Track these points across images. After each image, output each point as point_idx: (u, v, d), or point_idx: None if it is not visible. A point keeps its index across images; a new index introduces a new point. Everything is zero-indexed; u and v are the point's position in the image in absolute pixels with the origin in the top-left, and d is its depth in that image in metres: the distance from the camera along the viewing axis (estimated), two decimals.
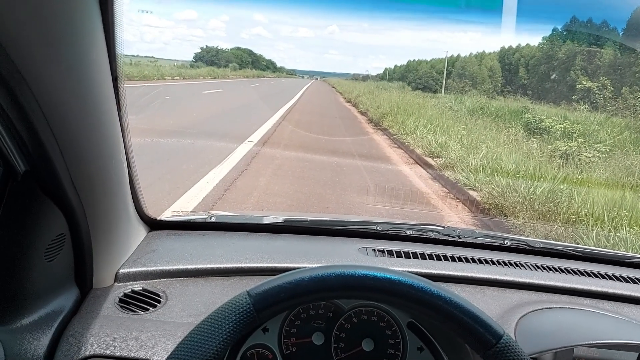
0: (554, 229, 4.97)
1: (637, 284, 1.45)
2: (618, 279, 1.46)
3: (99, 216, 1.08)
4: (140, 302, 1.17)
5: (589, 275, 1.46)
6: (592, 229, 4.75)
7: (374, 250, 1.47)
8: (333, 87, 36.45)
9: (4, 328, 0.95)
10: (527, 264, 1.48)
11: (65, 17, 0.76)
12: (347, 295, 0.83)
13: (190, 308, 1.16)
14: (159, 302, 1.18)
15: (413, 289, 0.80)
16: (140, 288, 1.21)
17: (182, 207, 4.68)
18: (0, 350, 0.93)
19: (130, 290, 1.20)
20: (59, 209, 0.97)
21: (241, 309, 0.76)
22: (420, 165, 8.40)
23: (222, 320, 0.75)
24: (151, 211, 1.47)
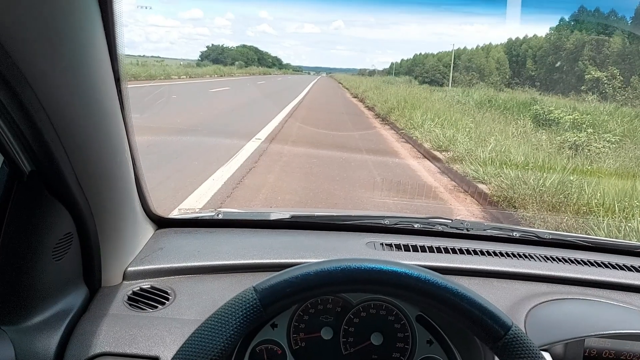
0: (564, 220, 4.93)
1: None
2: (629, 269, 1.44)
3: (106, 215, 1.09)
4: (148, 299, 1.17)
5: (599, 265, 1.45)
6: (602, 220, 4.70)
7: (382, 244, 1.47)
8: (339, 82, 36.38)
9: (14, 327, 0.96)
10: (537, 255, 1.47)
11: (64, 17, 0.75)
12: (353, 289, 0.83)
13: (198, 305, 1.16)
14: (167, 299, 1.18)
15: (419, 282, 0.79)
16: (149, 286, 1.22)
17: (190, 206, 4.69)
18: (10, 349, 0.94)
19: (138, 288, 1.20)
20: (65, 208, 0.97)
21: (247, 305, 0.75)
22: (428, 159, 8.37)
23: (228, 316, 0.75)
24: (160, 210, 1.47)
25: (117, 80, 0.97)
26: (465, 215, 5.34)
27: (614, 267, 1.45)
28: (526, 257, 1.46)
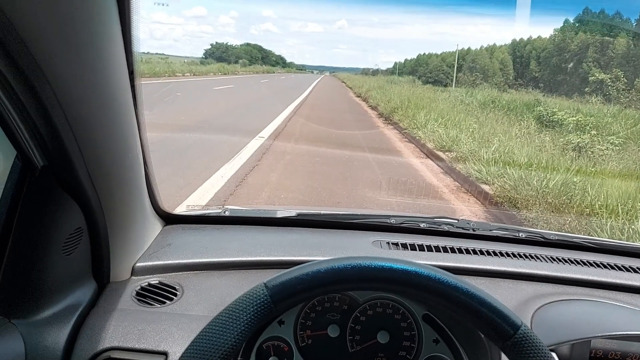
0: (568, 221, 4.93)
1: None
2: (635, 271, 1.44)
3: (116, 210, 1.09)
4: (157, 295, 1.18)
5: (605, 267, 1.45)
6: (606, 222, 4.70)
7: (388, 243, 1.47)
8: (343, 82, 36.33)
9: (23, 321, 0.97)
10: (543, 256, 1.48)
11: (83, 12, 0.76)
12: (364, 287, 0.83)
13: (206, 301, 1.17)
14: (175, 295, 1.19)
15: (430, 281, 0.79)
16: (157, 281, 1.22)
17: (193, 204, 4.70)
18: (20, 343, 0.94)
19: (147, 283, 1.21)
20: (76, 203, 0.98)
21: (258, 301, 0.76)
22: (431, 159, 8.36)
23: (239, 312, 0.75)
24: (166, 206, 1.48)
25: (131, 75, 0.97)
26: (468, 215, 5.34)
27: (620, 269, 1.45)
28: (532, 257, 1.46)
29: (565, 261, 1.46)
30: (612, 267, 1.45)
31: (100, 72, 0.86)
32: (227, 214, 1.59)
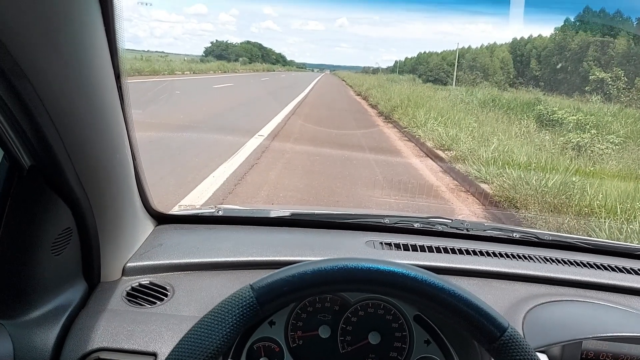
0: (566, 221, 4.92)
1: None
2: (628, 272, 1.44)
3: (106, 210, 1.09)
4: (147, 295, 1.17)
5: (598, 267, 1.45)
6: (604, 222, 4.69)
7: (381, 243, 1.47)
8: (343, 80, 36.35)
9: (12, 322, 0.96)
10: (536, 256, 1.47)
11: (64, 11, 0.75)
12: (350, 289, 0.83)
13: (197, 301, 1.17)
14: (166, 295, 1.18)
15: (416, 282, 0.79)
16: (148, 282, 1.22)
17: (192, 202, 4.69)
18: (9, 343, 0.94)
19: (137, 284, 1.21)
20: (65, 203, 0.97)
21: (244, 303, 0.76)
22: (430, 158, 8.36)
23: (225, 314, 0.75)
24: (163, 205, 1.47)
25: (117, 77, 0.97)
26: (467, 214, 5.34)
27: (613, 270, 1.44)
28: (526, 258, 1.45)
29: (559, 262, 1.46)
30: (605, 268, 1.45)
31: (83, 71, 0.85)
32: (220, 213, 1.58)
